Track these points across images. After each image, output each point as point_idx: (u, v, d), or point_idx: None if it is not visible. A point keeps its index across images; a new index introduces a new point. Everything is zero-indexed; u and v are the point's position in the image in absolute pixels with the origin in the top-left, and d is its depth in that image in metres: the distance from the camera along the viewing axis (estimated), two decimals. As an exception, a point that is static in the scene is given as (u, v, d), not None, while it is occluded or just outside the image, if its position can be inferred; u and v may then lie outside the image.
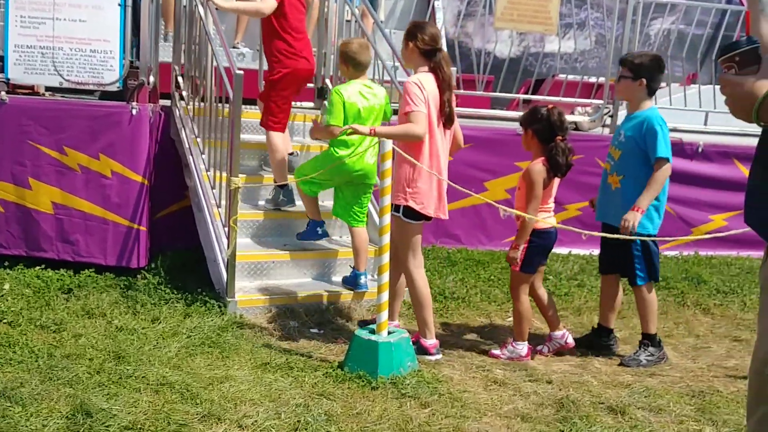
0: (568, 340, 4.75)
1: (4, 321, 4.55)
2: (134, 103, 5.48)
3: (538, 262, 4.59)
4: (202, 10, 5.50)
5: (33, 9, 5.38)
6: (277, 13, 5.28)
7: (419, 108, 4.23)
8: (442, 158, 4.42)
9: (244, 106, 5.32)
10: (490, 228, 6.63)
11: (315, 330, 4.85)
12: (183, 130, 5.77)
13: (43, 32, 5.40)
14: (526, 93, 7.77)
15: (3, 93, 5.39)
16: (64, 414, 3.40)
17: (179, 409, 3.52)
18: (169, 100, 6.01)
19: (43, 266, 5.42)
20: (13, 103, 5.39)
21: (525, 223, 4.42)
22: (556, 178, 4.52)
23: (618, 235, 4.28)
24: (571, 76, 8.10)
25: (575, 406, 3.85)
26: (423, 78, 4.33)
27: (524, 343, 4.61)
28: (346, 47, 5.04)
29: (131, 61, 5.59)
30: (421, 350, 4.45)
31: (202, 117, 5.57)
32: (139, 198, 5.53)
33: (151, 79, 5.63)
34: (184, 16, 5.86)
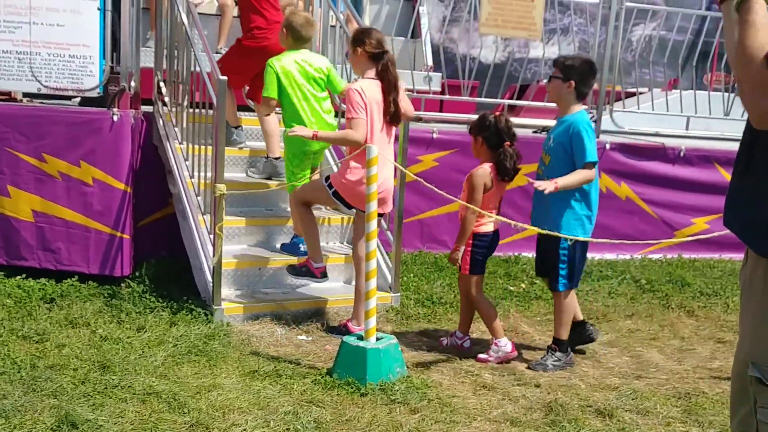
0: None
1: (-15, 331, 4.47)
2: (115, 109, 5.40)
3: (483, 263, 4.67)
4: (185, 16, 5.45)
5: (8, 13, 5.30)
6: None
7: (359, 115, 4.50)
8: (383, 159, 4.51)
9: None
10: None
11: (303, 337, 4.81)
12: (166, 136, 5.72)
13: (20, 37, 5.33)
14: (511, 98, 7.79)
15: (-20, 100, 5.31)
16: (48, 425, 3.33)
17: (166, 418, 3.47)
18: (151, 106, 5.95)
19: (24, 275, 5.33)
20: (-10, 110, 5.30)
21: (463, 225, 4.57)
22: (504, 183, 4.64)
23: (549, 232, 4.26)
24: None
25: (563, 410, 3.84)
26: (364, 84, 4.56)
27: (504, 339, 4.64)
28: (291, 18, 5.22)
29: (112, 66, 5.53)
30: (310, 273, 4.99)
31: (185, 123, 5.52)
32: (122, 205, 5.46)
33: (133, 84, 5.57)
34: (166, 21, 5.81)
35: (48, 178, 5.38)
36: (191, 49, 5.34)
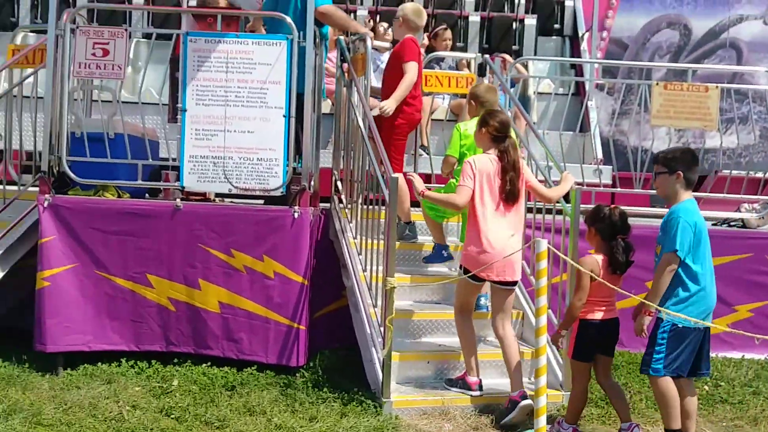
0: None
1: (172, 416, 4.76)
2: (296, 207, 5.73)
3: (590, 352, 4.68)
4: (361, 122, 5.78)
5: (207, 123, 5.81)
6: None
7: (465, 183, 4.95)
8: (497, 228, 4.91)
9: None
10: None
11: (471, 434, 4.74)
12: (341, 231, 5.99)
13: (216, 143, 5.81)
14: (688, 190, 7.49)
15: (178, 200, 5.81)
16: None
17: None
18: (329, 203, 6.27)
19: (209, 363, 5.65)
20: (187, 209, 5.77)
21: (568, 310, 4.72)
22: (617, 275, 4.66)
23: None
24: (735, 172, 7.75)
25: None
26: (477, 158, 5.03)
27: (627, 423, 4.61)
28: (475, 89, 5.84)
29: (294, 168, 5.90)
30: (466, 386, 5.09)
31: (359, 219, 5.76)
32: (300, 298, 5.71)
33: (312, 183, 5.91)
34: (346, 127, 6.18)
35: (234, 272, 5.75)
36: (366, 151, 5.63)
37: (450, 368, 5.39)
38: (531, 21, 9.70)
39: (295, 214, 5.71)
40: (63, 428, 4.53)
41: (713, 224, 6.90)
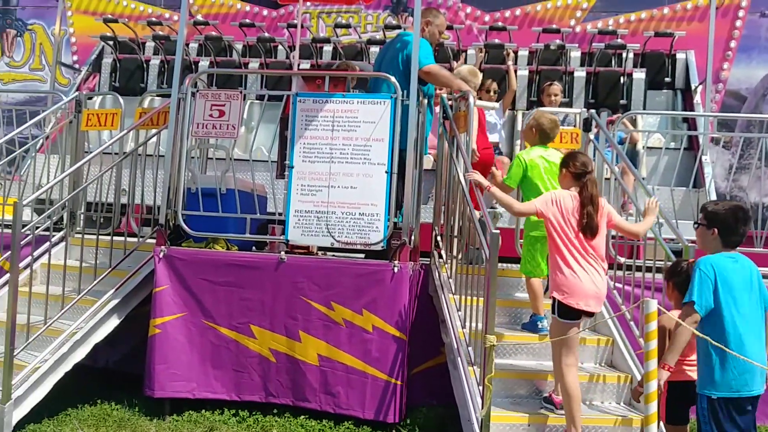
0: None
1: (270, 467, 4.83)
2: (396, 262, 5.78)
3: (679, 413, 4.63)
4: (462, 178, 5.80)
5: (312, 179, 6.00)
6: None
7: (536, 202, 5.04)
8: (579, 259, 4.86)
9: (500, 264, 5.41)
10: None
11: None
12: (441, 287, 5.97)
13: (320, 198, 5.98)
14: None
15: (282, 253, 5.98)
16: None
17: None
18: (429, 258, 6.27)
19: (306, 416, 5.71)
20: (290, 262, 5.94)
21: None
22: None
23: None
24: None
25: None
26: (558, 191, 5.09)
27: None
28: (540, 119, 5.93)
29: (395, 222, 5.96)
30: None
31: (459, 275, 5.73)
32: (398, 353, 5.71)
33: (413, 238, 5.95)
34: (447, 182, 6.22)
35: (334, 325, 5.82)
36: (467, 207, 5.62)
37: (551, 431, 5.20)
38: (640, 75, 9.48)
39: (395, 269, 5.75)
40: (165, 473, 4.67)
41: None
